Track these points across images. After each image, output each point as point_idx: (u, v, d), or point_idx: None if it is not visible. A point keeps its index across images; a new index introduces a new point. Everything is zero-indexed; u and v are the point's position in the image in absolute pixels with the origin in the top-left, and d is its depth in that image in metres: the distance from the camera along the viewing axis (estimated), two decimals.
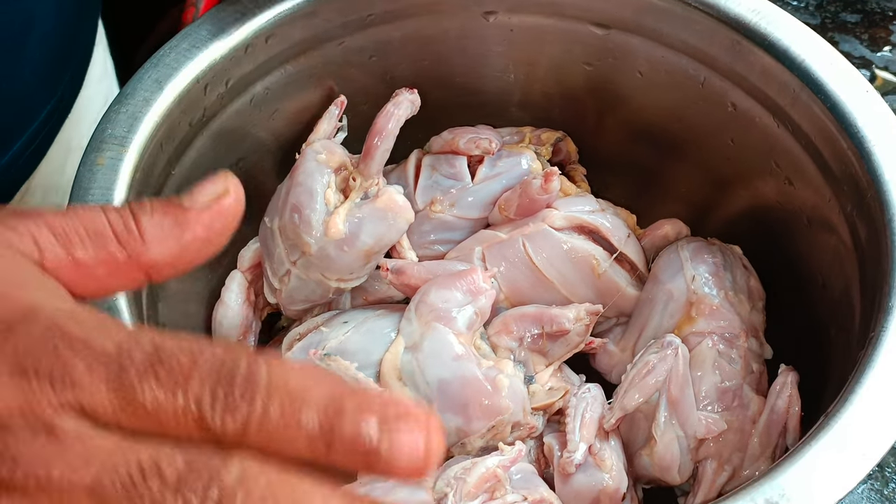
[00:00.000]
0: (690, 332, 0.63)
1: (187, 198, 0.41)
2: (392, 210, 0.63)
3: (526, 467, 0.60)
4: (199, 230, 0.40)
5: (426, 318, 0.61)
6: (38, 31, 0.69)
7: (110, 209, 0.40)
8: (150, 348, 0.33)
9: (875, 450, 0.45)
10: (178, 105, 0.59)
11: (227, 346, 0.33)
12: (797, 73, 0.60)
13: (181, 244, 0.40)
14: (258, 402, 0.32)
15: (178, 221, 0.40)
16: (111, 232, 0.40)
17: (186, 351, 0.33)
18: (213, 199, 0.41)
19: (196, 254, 0.41)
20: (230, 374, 0.32)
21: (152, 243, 0.40)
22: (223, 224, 0.41)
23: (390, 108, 0.64)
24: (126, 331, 0.34)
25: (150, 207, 0.41)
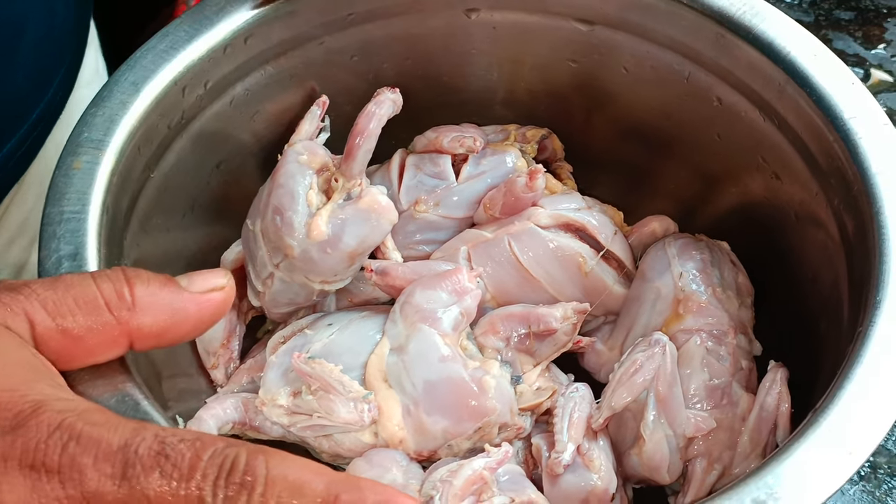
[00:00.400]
0: (678, 330, 0.63)
1: (185, 280, 0.44)
2: (375, 211, 0.62)
3: (514, 468, 0.59)
4: (190, 311, 0.43)
5: (411, 319, 0.61)
6: (30, 35, 0.68)
7: (101, 277, 0.42)
8: (154, 443, 0.35)
9: (863, 448, 0.45)
10: (155, 108, 0.59)
11: (228, 440, 0.36)
12: (782, 66, 0.60)
13: (171, 319, 0.43)
14: (257, 491, 0.34)
15: (173, 297, 0.43)
16: (102, 301, 0.42)
17: (189, 445, 0.35)
18: (209, 290, 0.44)
19: (180, 333, 0.44)
20: (231, 467, 0.34)
21: (144, 311, 0.42)
22: (210, 314, 0.44)
23: (372, 107, 0.64)
24: (130, 425, 0.36)
25: (147, 278, 0.43)
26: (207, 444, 0.35)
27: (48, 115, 0.74)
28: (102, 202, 0.54)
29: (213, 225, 0.68)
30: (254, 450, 0.35)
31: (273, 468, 0.35)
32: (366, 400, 0.59)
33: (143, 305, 0.42)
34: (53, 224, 0.52)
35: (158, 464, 0.34)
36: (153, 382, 0.58)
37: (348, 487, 0.35)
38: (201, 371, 0.67)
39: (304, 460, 0.36)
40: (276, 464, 0.35)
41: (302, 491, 0.34)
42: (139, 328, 0.42)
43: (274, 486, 0.34)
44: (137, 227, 0.59)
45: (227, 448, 0.35)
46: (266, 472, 0.34)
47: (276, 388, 0.61)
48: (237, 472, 0.34)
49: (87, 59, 0.81)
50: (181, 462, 0.34)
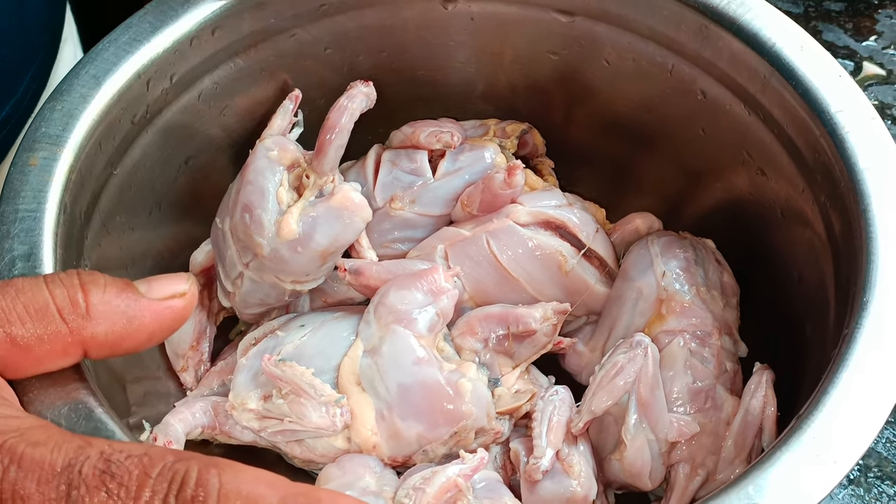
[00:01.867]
0: (661, 331, 0.61)
1: (144, 286, 0.42)
2: (348, 208, 0.61)
3: (490, 475, 0.58)
4: (147, 319, 0.42)
5: (385, 320, 0.59)
6: None
7: (54, 281, 0.40)
8: (98, 461, 0.34)
9: (848, 456, 0.43)
10: (118, 101, 0.57)
11: (177, 453, 0.34)
12: (767, 57, 0.58)
13: (127, 328, 0.41)
14: None
15: (129, 305, 0.41)
16: (54, 308, 0.40)
17: (136, 461, 0.34)
18: (169, 296, 0.42)
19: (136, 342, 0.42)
20: (182, 482, 0.33)
21: (98, 319, 0.41)
22: (170, 322, 0.42)
23: (344, 101, 0.62)
24: (75, 443, 0.34)
25: (104, 284, 0.41)
26: (156, 460, 0.34)
27: (19, 112, 0.72)
28: (60, 200, 0.52)
29: (181, 223, 0.66)
30: (206, 463, 0.34)
31: (226, 482, 0.33)
32: (338, 404, 0.58)
33: (97, 313, 0.41)
34: (7, 223, 0.50)
35: (104, 483, 0.33)
36: (115, 387, 0.57)
37: (306, 501, 0.33)
38: (170, 374, 0.66)
39: (259, 472, 0.34)
40: (230, 478, 0.33)
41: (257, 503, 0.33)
42: (93, 337, 0.41)
43: (226, 502, 0.33)
44: (99, 226, 0.57)
45: (176, 462, 0.34)
46: (219, 487, 0.33)
47: (247, 392, 0.60)
48: (188, 487, 0.33)
49: (64, 54, 0.79)
50: (128, 480, 0.33)
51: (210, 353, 0.67)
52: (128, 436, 0.44)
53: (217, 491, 0.33)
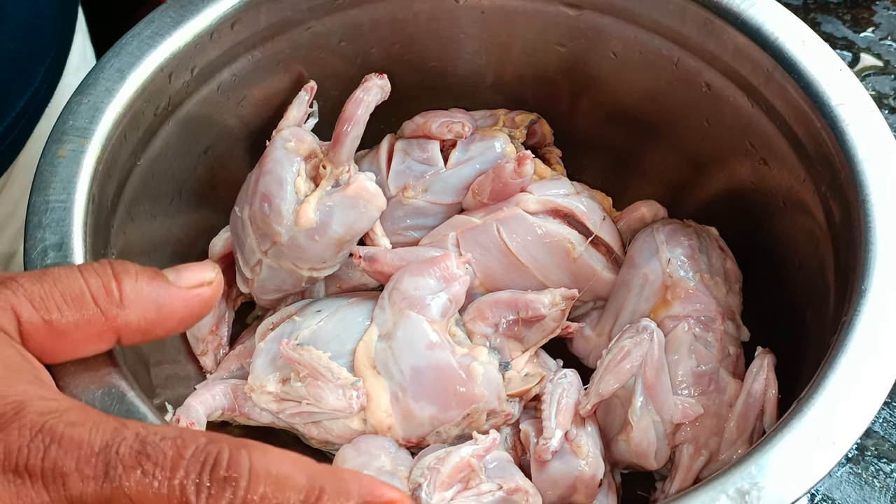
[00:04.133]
0: (666, 316, 0.63)
1: (173, 274, 0.44)
2: (363, 197, 0.62)
3: (501, 455, 0.60)
4: (178, 306, 0.43)
5: (399, 305, 0.61)
6: (9, 22, 0.67)
7: (89, 270, 0.42)
8: (135, 442, 0.35)
9: (846, 437, 0.45)
10: (141, 94, 0.58)
11: (209, 435, 0.35)
12: (770, 51, 0.60)
13: (159, 315, 0.43)
14: (241, 486, 0.34)
15: (160, 293, 0.43)
16: (89, 296, 0.42)
17: (170, 442, 0.35)
18: (197, 284, 0.44)
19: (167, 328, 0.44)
20: (214, 463, 0.34)
21: (131, 307, 0.42)
22: (199, 309, 0.44)
23: (360, 94, 0.63)
24: (112, 424, 0.36)
25: (136, 273, 0.43)
26: (189, 441, 0.35)
27: (34, 105, 0.73)
28: (88, 190, 0.53)
29: (200, 211, 0.68)
30: (236, 444, 0.35)
31: (256, 462, 0.35)
32: (354, 387, 0.59)
33: (130, 301, 0.42)
34: (39, 213, 0.52)
35: (140, 463, 0.34)
36: (140, 370, 0.58)
37: (332, 479, 0.35)
38: (190, 358, 0.68)
39: (287, 453, 0.36)
40: (259, 458, 0.35)
41: (286, 484, 0.34)
42: (126, 324, 0.42)
43: (258, 481, 0.34)
44: (124, 214, 0.59)
45: (209, 444, 0.35)
46: (249, 467, 0.34)
47: (265, 375, 0.61)
48: (220, 468, 0.34)
49: (75, 46, 0.80)
50: (163, 460, 0.34)
51: (229, 338, 0.69)
52: (158, 419, 0.46)
53: (248, 470, 0.34)
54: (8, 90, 0.70)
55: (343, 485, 0.35)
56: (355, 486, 0.35)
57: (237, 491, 0.34)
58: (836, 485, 0.67)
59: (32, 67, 0.72)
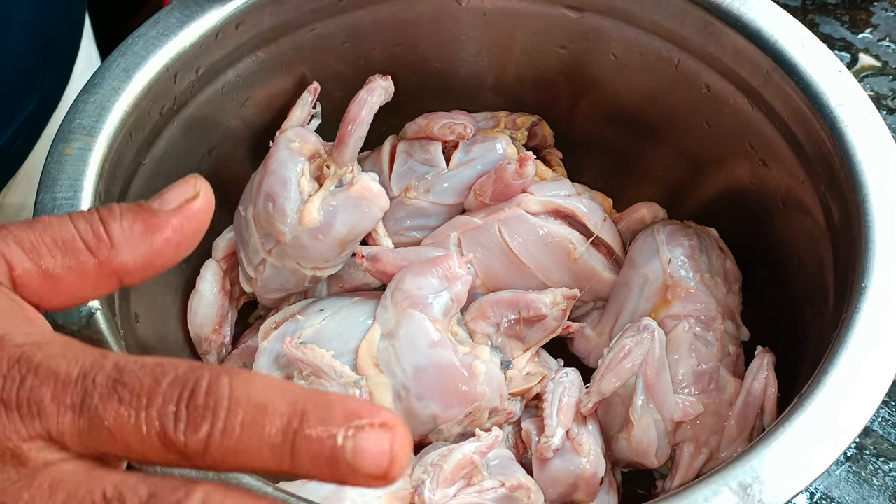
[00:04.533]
0: (667, 316, 0.63)
1: (157, 201, 0.42)
2: (366, 198, 0.63)
3: (503, 453, 0.60)
4: (169, 233, 0.41)
5: (402, 304, 0.61)
6: (16, 29, 0.68)
7: (78, 217, 0.41)
8: (112, 371, 0.33)
9: (847, 432, 0.45)
10: (147, 94, 0.59)
11: (190, 363, 0.33)
12: (770, 53, 0.60)
13: (153, 248, 0.41)
14: (220, 415, 0.32)
15: (148, 225, 0.41)
16: (80, 241, 0.40)
17: (149, 371, 0.33)
18: (183, 203, 0.41)
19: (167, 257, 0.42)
20: (192, 390, 0.32)
21: (122, 248, 0.41)
22: (193, 227, 0.42)
23: (363, 95, 0.64)
24: (91, 355, 0.34)
25: (119, 212, 0.41)
26: (168, 370, 0.33)
27: (42, 109, 0.73)
28: (94, 188, 0.54)
29: None
30: (217, 371, 0.33)
31: (236, 389, 0.33)
32: (357, 385, 0.59)
33: (119, 241, 0.40)
34: (46, 211, 0.52)
35: (116, 391, 0.33)
36: None
37: (315, 403, 0.32)
38: (193, 356, 0.68)
39: (273, 380, 0.34)
40: (240, 384, 0.33)
41: (266, 410, 0.32)
42: (123, 265, 0.40)
43: (237, 408, 0.32)
44: None
45: (188, 372, 0.33)
46: (229, 394, 0.32)
47: (268, 373, 0.62)
48: (198, 395, 0.32)
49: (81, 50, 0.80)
50: (139, 389, 0.33)
51: (232, 337, 0.69)
52: None
53: (228, 397, 0.32)
54: (15, 95, 0.70)
55: (328, 409, 0.32)
56: (340, 410, 0.32)
57: (216, 420, 0.32)
58: (835, 483, 0.67)
59: (40, 72, 0.72)
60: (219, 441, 0.32)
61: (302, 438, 0.32)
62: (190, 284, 0.68)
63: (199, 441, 0.32)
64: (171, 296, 0.67)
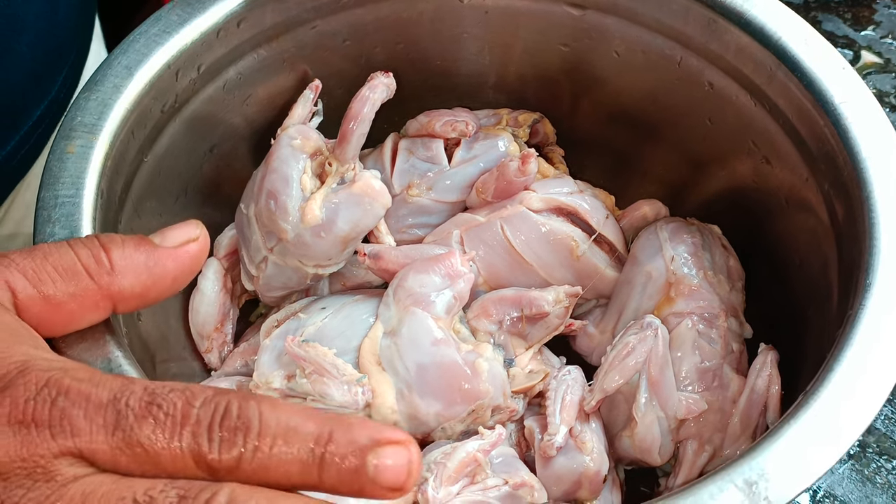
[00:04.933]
0: (670, 313, 0.63)
1: (158, 237, 0.45)
2: (369, 195, 0.63)
3: (507, 451, 0.60)
4: (169, 266, 0.44)
5: (404, 302, 0.61)
6: (29, 32, 0.68)
7: (77, 244, 0.43)
8: (144, 394, 0.36)
9: (852, 429, 0.45)
10: (148, 91, 0.58)
11: (218, 389, 0.36)
12: (773, 50, 0.60)
13: (151, 278, 0.44)
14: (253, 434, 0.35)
15: (150, 256, 0.44)
16: (81, 266, 0.43)
17: (179, 394, 0.36)
18: (184, 242, 0.45)
19: (162, 290, 0.45)
20: (225, 412, 0.35)
21: (122, 274, 0.43)
22: (190, 266, 0.45)
23: (366, 92, 0.64)
24: (119, 381, 0.36)
25: (122, 241, 0.44)
26: (198, 393, 0.36)
27: (52, 112, 0.73)
28: (97, 186, 0.54)
29: (205, 209, 0.68)
30: (244, 396, 0.36)
31: (265, 412, 0.35)
32: (359, 383, 0.59)
33: (120, 268, 0.43)
34: (48, 208, 0.52)
35: (151, 413, 0.35)
36: (146, 367, 0.58)
37: (340, 426, 0.36)
38: (195, 355, 0.68)
39: (295, 405, 0.37)
40: (268, 408, 0.36)
41: (296, 432, 0.35)
42: (120, 291, 0.43)
43: (268, 430, 0.35)
44: (131, 211, 0.59)
45: (216, 396, 0.36)
46: (259, 416, 0.35)
47: (270, 372, 0.61)
48: (231, 417, 0.35)
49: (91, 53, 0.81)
50: (174, 411, 0.35)
51: (233, 335, 0.69)
52: None
53: (259, 420, 0.35)
54: (26, 99, 0.70)
55: (351, 430, 0.35)
56: (363, 431, 0.35)
57: (248, 439, 0.35)
58: (837, 482, 0.67)
59: (50, 76, 0.72)
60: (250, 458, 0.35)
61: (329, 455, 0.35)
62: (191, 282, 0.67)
63: (232, 458, 0.35)
64: None
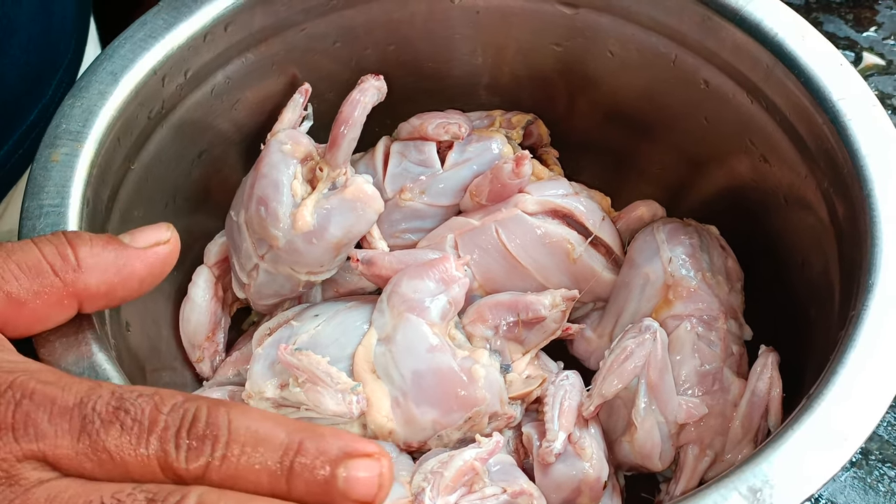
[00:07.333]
0: (668, 316, 0.63)
1: (128, 237, 0.44)
2: (361, 200, 0.62)
3: (505, 458, 0.59)
4: (137, 266, 0.43)
5: (398, 308, 0.60)
6: (21, 34, 0.67)
7: (41, 241, 0.42)
8: (111, 399, 0.35)
9: (858, 434, 0.45)
10: (134, 98, 0.58)
11: (187, 395, 0.35)
12: (770, 47, 0.59)
13: (118, 278, 0.43)
14: (220, 442, 0.34)
15: (118, 255, 0.43)
16: (46, 264, 0.41)
17: (148, 399, 0.35)
18: (154, 243, 0.44)
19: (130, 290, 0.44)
20: (193, 419, 0.34)
21: (89, 272, 0.42)
22: (159, 268, 0.44)
23: (356, 95, 0.63)
24: (86, 384, 0.35)
25: (90, 238, 0.43)
26: (167, 398, 0.35)
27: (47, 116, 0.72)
28: (82, 195, 0.53)
29: (195, 216, 0.67)
30: (215, 402, 0.35)
31: (235, 419, 0.34)
32: (354, 391, 0.58)
33: (87, 266, 0.42)
34: (32, 218, 0.51)
35: (118, 418, 0.34)
36: (136, 377, 0.58)
37: (311, 435, 0.35)
38: (186, 364, 0.67)
39: (265, 412, 0.36)
40: (238, 415, 0.35)
41: (265, 440, 0.34)
42: (86, 288, 0.42)
43: (237, 437, 0.34)
44: (118, 220, 0.58)
45: (186, 402, 0.35)
46: (228, 424, 0.34)
47: (263, 381, 0.61)
48: (199, 424, 0.34)
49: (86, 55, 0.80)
50: (141, 416, 0.34)
51: (225, 344, 0.68)
52: None
53: (227, 427, 0.34)
54: (19, 102, 0.69)
55: (322, 440, 0.35)
56: (334, 442, 0.35)
57: (216, 446, 0.34)
58: (839, 489, 0.66)
59: (45, 79, 0.72)
60: (217, 467, 0.34)
61: (299, 465, 0.34)
62: (182, 291, 0.67)
63: (199, 466, 0.34)
64: (162, 303, 0.66)
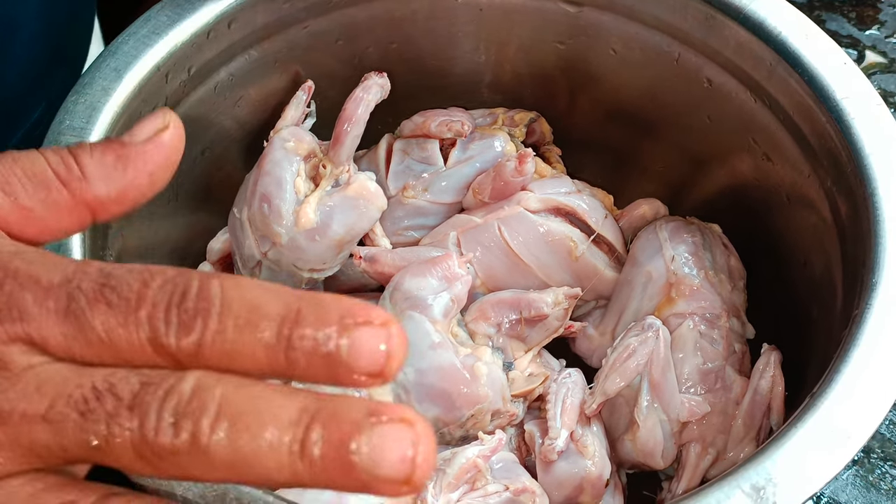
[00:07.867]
0: (671, 314, 0.62)
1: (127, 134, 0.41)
2: (364, 197, 0.62)
3: (507, 456, 0.59)
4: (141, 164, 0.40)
5: (401, 306, 0.60)
6: (23, 34, 0.67)
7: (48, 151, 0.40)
8: (98, 276, 0.33)
9: (861, 432, 0.44)
10: (137, 94, 0.57)
11: (179, 269, 0.33)
12: (773, 46, 0.59)
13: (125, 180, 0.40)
14: (213, 316, 0.31)
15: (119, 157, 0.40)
16: (52, 173, 0.39)
17: (136, 276, 0.32)
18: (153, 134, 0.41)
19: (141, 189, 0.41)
20: (183, 293, 0.32)
21: (95, 180, 0.40)
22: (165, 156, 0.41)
23: (359, 92, 0.63)
24: (73, 263, 0.34)
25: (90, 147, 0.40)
26: (156, 274, 0.32)
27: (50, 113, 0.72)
28: None
29: (197, 213, 0.67)
30: (207, 275, 0.33)
31: (228, 291, 0.32)
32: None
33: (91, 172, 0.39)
34: None
35: (104, 296, 0.32)
36: None
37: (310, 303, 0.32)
38: None
39: (262, 282, 0.33)
40: (231, 286, 0.32)
41: (260, 310, 0.31)
42: (95, 197, 0.39)
43: (229, 311, 0.31)
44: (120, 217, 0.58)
45: (177, 276, 0.32)
46: (221, 296, 0.32)
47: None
48: (190, 297, 0.32)
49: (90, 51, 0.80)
50: (128, 293, 0.32)
51: None
52: None
53: (220, 299, 0.32)
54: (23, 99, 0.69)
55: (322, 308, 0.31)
56: (334, 309, 0.31)
57: (208, 321, 0.31)
58: (841, 488, 0.66)
59: (48, 76, 0.71)
60: (210, 343, 0.31)
61: (297, 337, 0.31)
62: None
63: (191, 343, 0.31)
64: None
